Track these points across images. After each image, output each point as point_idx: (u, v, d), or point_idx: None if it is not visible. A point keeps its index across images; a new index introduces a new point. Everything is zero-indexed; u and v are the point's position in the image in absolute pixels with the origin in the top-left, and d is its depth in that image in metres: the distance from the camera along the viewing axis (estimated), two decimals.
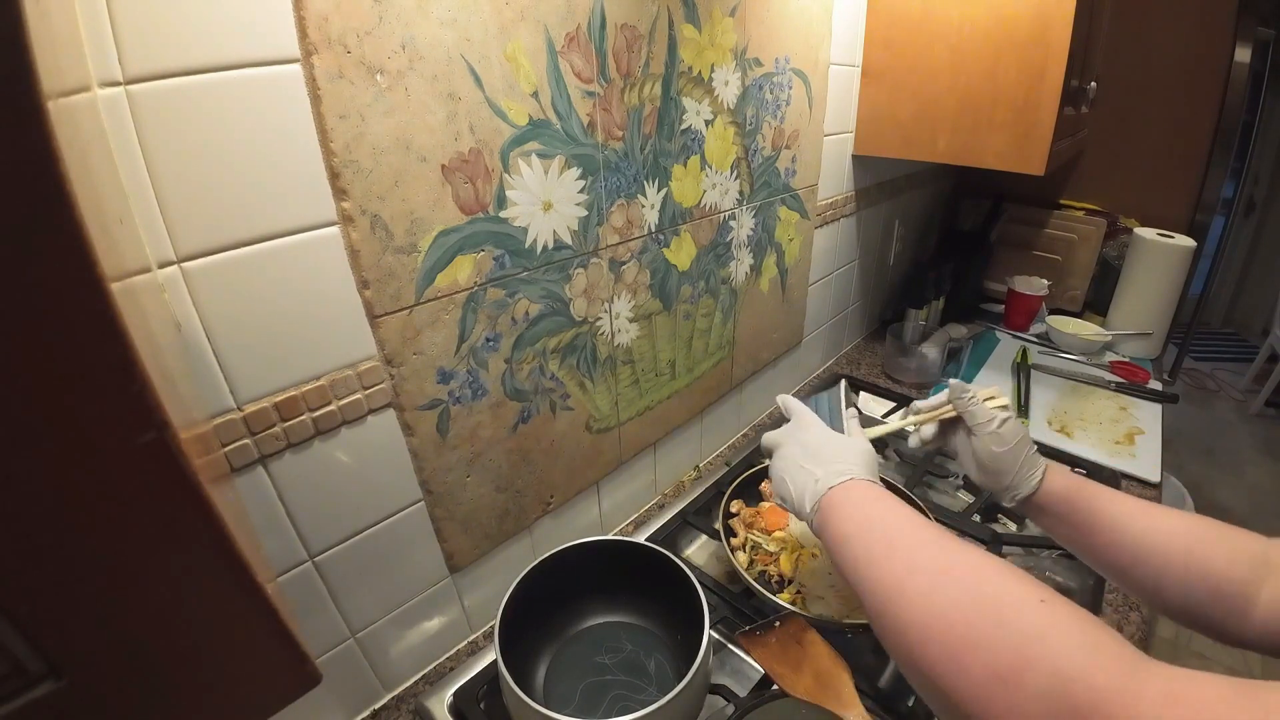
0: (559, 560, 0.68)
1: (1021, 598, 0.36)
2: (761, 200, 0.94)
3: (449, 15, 0.49)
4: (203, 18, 0.39)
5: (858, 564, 0.44)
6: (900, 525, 0.44)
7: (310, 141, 0.45)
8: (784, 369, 1.22)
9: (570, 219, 0.66)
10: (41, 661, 0.21)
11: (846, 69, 1.04)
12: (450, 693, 0.67)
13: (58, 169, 0.16)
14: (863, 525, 0.46)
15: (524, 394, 0.68)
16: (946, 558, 0.40)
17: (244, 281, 0.45)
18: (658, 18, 0.67)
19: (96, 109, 0.35)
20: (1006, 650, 0.34)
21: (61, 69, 0.22)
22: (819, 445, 0.56)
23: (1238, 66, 1.43)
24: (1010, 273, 1.62)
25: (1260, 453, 2.88)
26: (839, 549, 0.47)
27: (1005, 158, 0.97)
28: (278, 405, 0.49)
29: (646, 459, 0.93)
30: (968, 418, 0.63)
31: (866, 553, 0.44)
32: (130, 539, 0.22)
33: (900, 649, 0.39)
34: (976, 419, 0.62)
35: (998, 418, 0.61)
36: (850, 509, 0.48)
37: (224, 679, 0.27)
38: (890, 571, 0.41)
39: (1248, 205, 3.51)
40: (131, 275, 0.27)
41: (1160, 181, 1.59)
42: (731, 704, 0.63)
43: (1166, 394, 1.27)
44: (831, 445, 0.56)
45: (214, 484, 0.26)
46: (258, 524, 0.51)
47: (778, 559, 0.76)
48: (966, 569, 0.39)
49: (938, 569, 0.40)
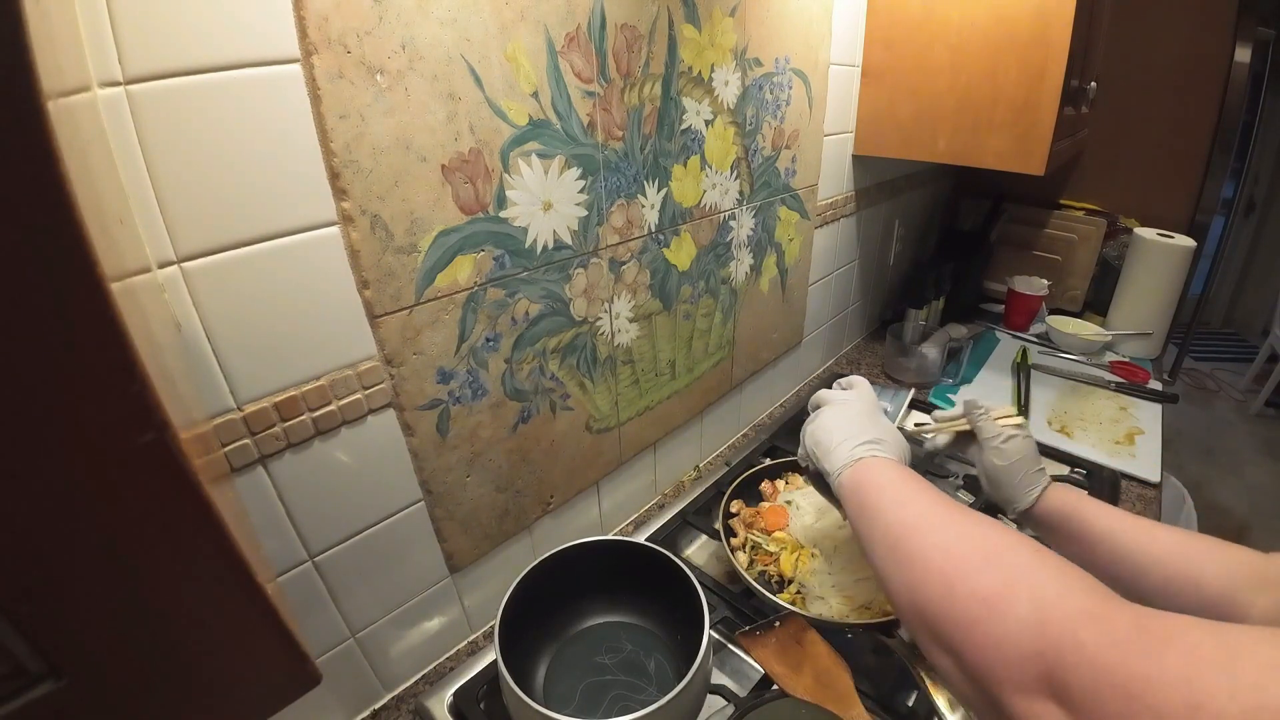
0: (559, 560, 0.68)
1: (1015, 543, 0.40)
2: (761, 200, 0.94)
3: (449, 15, 0.49)
4: (203, 18, 0.39)
5: (878, 512, 0.49)
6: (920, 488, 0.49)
7: (310, 141, 0.45)
8: (784, 369, 1.22)
9: (570, 219, 0.66)
10: (41, 661, 0.21)
11: (846, 69, 1.04)
12: (450, 693, 0.67)
13: (58, 169, 0.16)
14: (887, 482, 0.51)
15: (524, 394, 0.68)
16: (957, 513, 0.45)
17: (244, 281, 0.45)
18: (658, 18, 0.67)
19: (96, 109, 0.35)
20: (993, 579, 0.37)
21: (61, 69, 0.22)
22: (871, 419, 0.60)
23: (1238, 66, 1.43)
24: (1010, 273, 1.62)
25: (1260, 453, 2.88)
26: (861, 497, 0.51)
27: (1005, 158, 0.97)
28: (278, 405, 0.49)
29: (646, 459, 0.93)
30: (977, 431, 0.67)
31: (889, 504, 0.48)
32: (130, 539, 0.22)
33: (902, 586, 0.43)
34: (984, 433, 0.66)
35: (1003, 434, 0.65)
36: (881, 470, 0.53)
37: (224, 679, 0.27)
38: (907, 518, 0.46)
39: (1248, 205, 3.52)
40: (131, 275, 0.27)
41: (1160, 181, 1.59)
42: (731, 704, 0.63)
43: (1166, 394, 1.28)
44: (881, 424, 0.60)
45: (214, 484, 0.26)
46: (258, 524, 0.51)
47: (778, 559, 0.76)
48: (971, 519, 0.44)
49: (946, 520, 0.44)
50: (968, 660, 0.36)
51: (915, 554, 0.43)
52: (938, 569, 0.40)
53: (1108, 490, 0.97)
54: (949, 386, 1.31)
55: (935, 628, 0.39)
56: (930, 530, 0.43)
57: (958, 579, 0.38)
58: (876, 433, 0.57)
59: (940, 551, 0.41)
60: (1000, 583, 0.36)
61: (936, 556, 0.41)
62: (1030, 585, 0.35)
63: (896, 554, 0.44)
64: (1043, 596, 0.34)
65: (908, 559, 0.43)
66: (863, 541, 0.50)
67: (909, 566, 0.42)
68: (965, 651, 0.36)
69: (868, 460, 0.54)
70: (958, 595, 0.38)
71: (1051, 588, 0.34)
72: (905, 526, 0.45)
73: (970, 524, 0.43)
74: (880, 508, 0.49)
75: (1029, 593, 0.34)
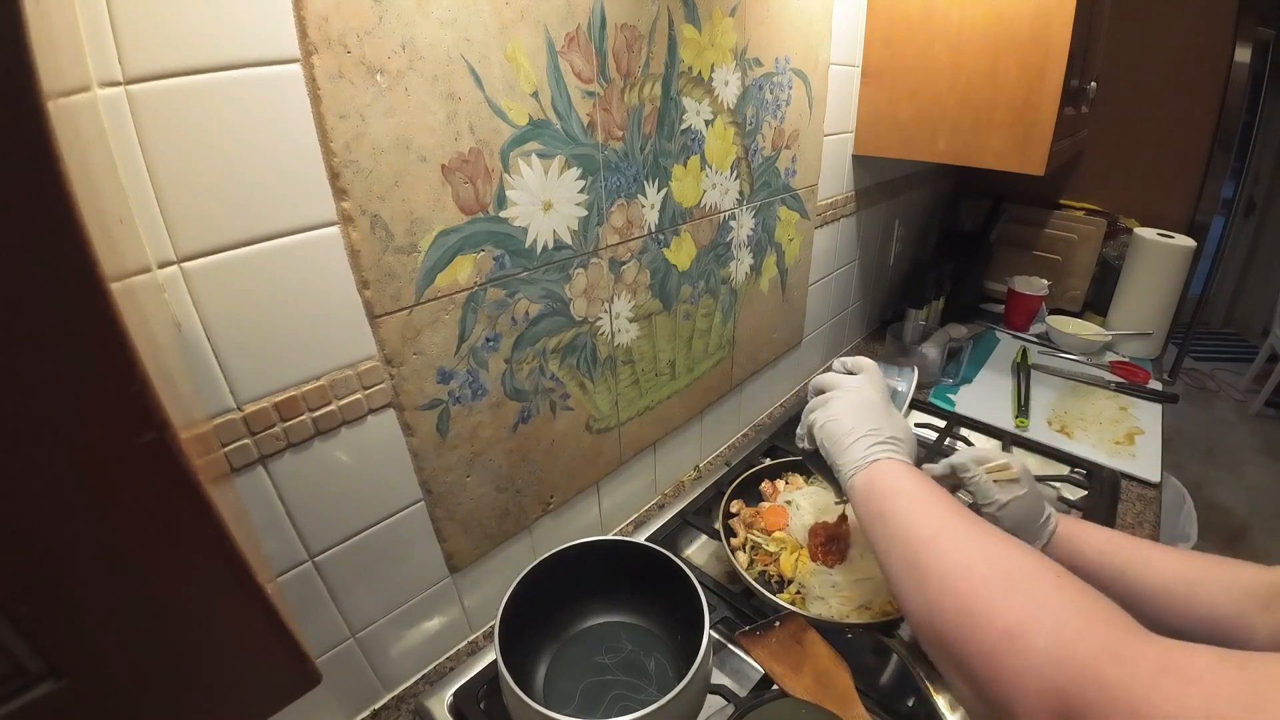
0: (559, 560, 0.68)
1: (1036, 567, 0.39)
2: (761, 200, 0.94)
3: (449, 15, 0.49)
4: (203, 18, 0.39)
5: (895, 520, 0.47)
6: (938, 498, 0.48)
7: (310, 141, 0.45)
8: (784, 369, 1.22)
9: (570, 219, 0.66)
10: (41, 661, 0.21)
11: (846, 69, 1.04)
12: (450, 693, 0.67)
13: (58, 169, 0.16)
14: (904, 489, 0.49)
15: (524, 394, 0.68)
16: (976, 529, 0.44)
17: (244, 281, 0.45)
18: (658, 18, 0.67)
19: (96, 109, 0.35)
20: (1015, 608, 0.36)
21: (61, 69, 0.22)
22: (885, 410, 0.58)
23: (1238, 66, 1.43)
24: (1010, 273, 1.62)
25: (1260, 453, 2.88)
26: (878, 504, 0.49)
27: (1005, 158, 0.97)
28: (278, 405, 0.49)
29: (646, 459, 0.93)
30: (972, 495, 0.62)
31: (906, 513, 0.47)
32: (130, 539, 0.22)
33: (920, 605, 0.42)
34: (981, 498, 0.61)
35: (998, 501, 0.60)
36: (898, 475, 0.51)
37: (224, 679, 0.27)
38: (925, 530, 0.45)
39: (1248, 205, 3.52)
40: (131, 275, 0.27)
41: (1160, 181, 1.59)
42: (731, 704, 0.63)
43: (1166, 394, 1.27)
44: (896, 417, 0.58)
45: (214, 484, 0.26)
46: (258, 524, 0.51)
47: (778, 559, 0.76)
48: (991, 537, 0.42)
49: (966, 536, 0.43)
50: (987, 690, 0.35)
51: (933, 574, 0.41)
52: (956, 593, 0.39)
53: (1108, 490, 0.97)
54: (949, 386, 1.31)
55: (953, 653, 0.38)
56: (950, 550, 0.42)
57: (978, 607, 0.37)
58: (891, 429, 0.55)
59: (960, 574, 0.40)
60: (1022, 612, 0.35)
61: (956, 580, 0.40)
62: (1053, 616, 0.34)
63: (914, 570, 0.43)
64: (1064, 629, 0.33)
65: (925, 577, 0.42)
66: (876, 549, 0.48)
67: (926, 585, 0.41)
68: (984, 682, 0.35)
69: (883, 462, 0.52)
70: (978, 624, 0.37)
71: (1073, 620, 0.34)
72: (924, 541, 0.44)
73: (990, 544, 0.41)
74: (897, 518, 0.47)
75: (1051, 624, 0.34)
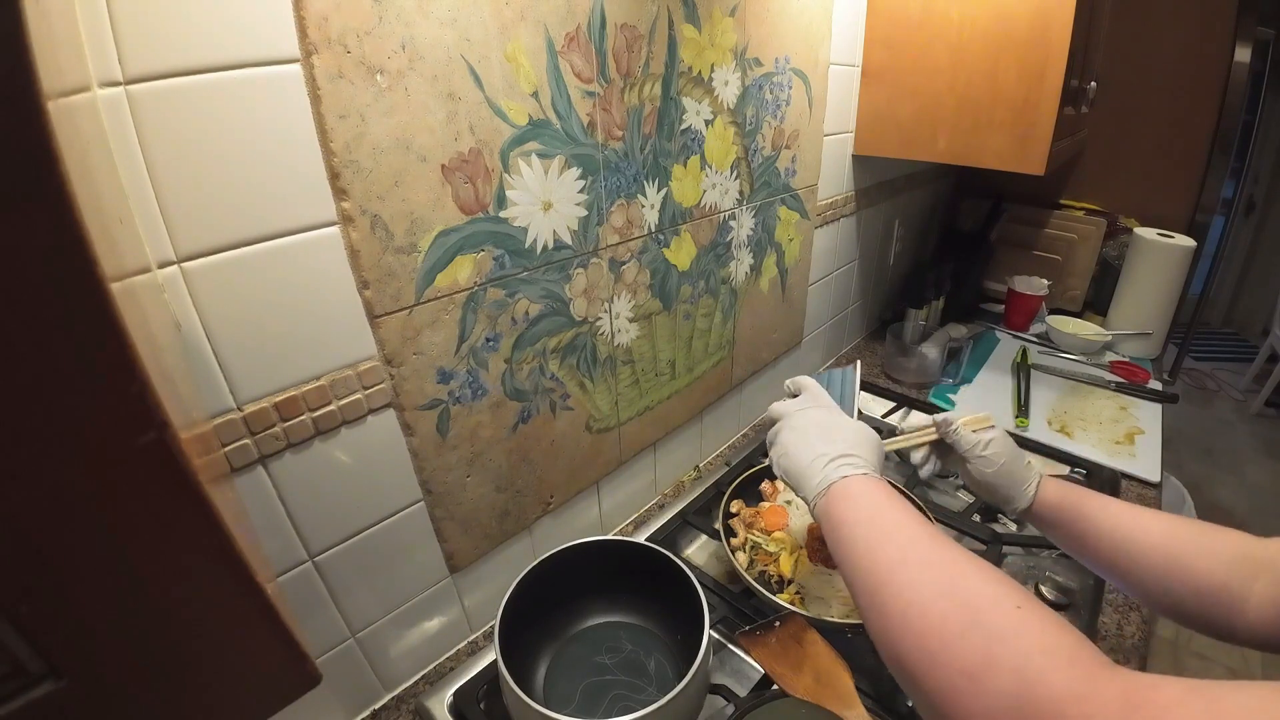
0: (559, 560, 0.68)
1: (997, 598, 0.37)
2: (761, 200, 0.94)
3: (449, 15, 0.49)
4: (203, 18, 0.39)
5: (855, 551, 0.45)
6: (898, 520, 0.45)
7: (310, 141, 0.45)
8: (784, 369, 1.22)
9: (570, 219, 0.66)
10: (41, 661, 0.21)
11: (846, 69, 1.04)
12: (450, 693, 0.67)
13: (58, 169, 0.16)
14: (863, 517, 0.47)
15: (524, 394, 0.68)
16: (936, 554, 0.42)
17: (244, 281, 0.45)
18: (658, 18, 0.67)
19: (96, 109, 0.35)
20: (975, 648, 0.35)
21: (61, 69, 0.22)
22: (831, 426, 0.57)
23: (1238, 66, 1.43)
24: (1010, 273, 1.62)
25: (1260, 453, 2.88)
26: (838, 534, 0.48)
27: (1005, 158, 0.97)
28: (278, 405, 0.49)
29: (646, 459, 0.93)
30: (956, 446, 0.65)
31: (865, 542, 0.45)
32: (130, 539, 0.22)
33: (883, 639, 0.40)
34: (963, 446, 0.65)
35: (981, 441, 0.64)
36: (855, 499, 0.49)
37: (224, 679, 0.27)
38: (883, 561, 0.43)
39: (1248, 205, 3.52)
40: (131, 275, 0.27)
41: (1160, 181, 1.59)
42: (731, 704, 0.63)
43: (1166, 394, 1.27)
44: (844, 428, 0.57)
45: (214, 484, 0.26)
46: (258, 524, 0.51)
47: (778, 559, 0.76)
48: (952, 566, 0.40)
49: (925, 563, 0.41)
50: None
51: (893, 611, 0.40)
52: (916, 634, 0.38)
53: (1107, 490, 0.97)
54: (949, 386, 1.31)
55: (914, 689, 0.38)
56: (908, 583, 0.40)
57: (938, 646, 0.36)
58: (843, 442, 0.54)
59: (916, 613, 0.38)
60: (983, 654, 0.34)
61: (915, 619, 0.38)
62: (1014, 658, 0.33)
63: (875, 607, 0.42)
64: (1027, 671, 0.32)
65: (886, 614, 0.40)
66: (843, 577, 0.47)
67: (887, 622, 0.40)
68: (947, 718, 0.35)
69: (838, 486, 0.50)
70: (938, 664, 0.36)
71: (1036, 661, 0.32)
72: (883, 574, 0.42)
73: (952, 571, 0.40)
74: (856, 547, 0.45)
75: (1012, 665, 0.33)
